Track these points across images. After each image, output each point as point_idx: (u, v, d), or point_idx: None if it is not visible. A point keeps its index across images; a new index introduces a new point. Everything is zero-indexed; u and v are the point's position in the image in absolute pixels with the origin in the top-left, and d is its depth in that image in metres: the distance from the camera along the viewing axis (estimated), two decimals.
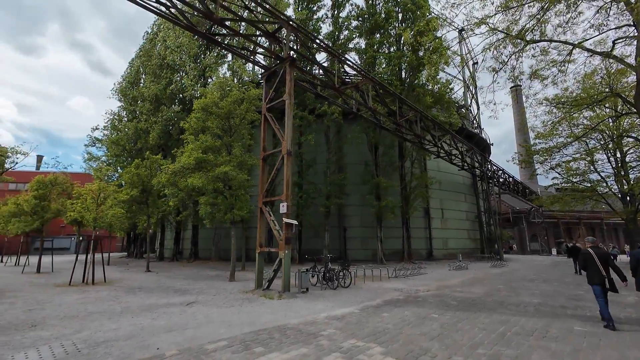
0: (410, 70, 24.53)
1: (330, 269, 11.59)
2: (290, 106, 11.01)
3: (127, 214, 18.71)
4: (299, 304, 8.73)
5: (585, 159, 28.52)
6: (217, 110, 13.37)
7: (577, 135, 26.47)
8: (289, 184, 10.58)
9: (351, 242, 25.63)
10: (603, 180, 28.67)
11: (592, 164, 28.64)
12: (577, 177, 29.40)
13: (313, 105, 23.37)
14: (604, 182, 28.70)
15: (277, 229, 10.49)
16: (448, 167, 30.34)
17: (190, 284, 12.78)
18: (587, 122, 26.58)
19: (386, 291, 10.91)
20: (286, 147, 10.66)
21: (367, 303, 8.81)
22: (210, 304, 8.75)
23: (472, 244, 32.02)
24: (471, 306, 8.38)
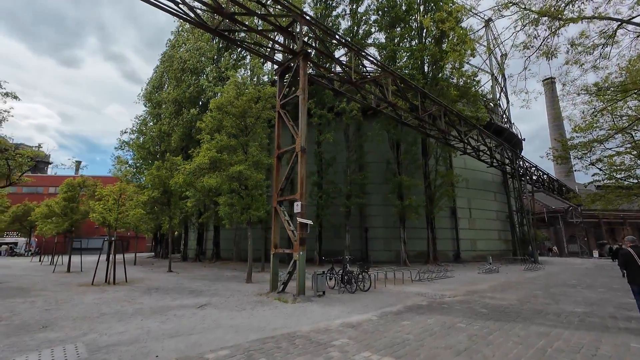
0: (434, 63, 23.44)
1: (349, 271, 11.02)
2: (304, 102, 10.58)
3: (149, 215, 19.10)
4: (313, 308, 8.25)
5: (631, 152, 26.01)
6: (232, 109, 13.19)
7: (620, 127, 24.25)
8: (304, 182, 10.14)
9: (373, 243, 24.84)
10: None
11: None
12: (622, 173, 26.92)
13: (332, 104, 22.90)
14: None
15: (292, 229, 10.08)
16: (476, 164, 28.77)
17: (206, 285, 12.65)
18: (632, 113, 24.24)
19: (408, 296, 10.18)
20: (300, 144, 10.23)
21: (387, 309, 8.17)
22: (222, 307, 8.46)
23: (503, 245, 30.18)
24: (504, 315, 7.53)
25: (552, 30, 9.75)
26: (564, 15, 9.59)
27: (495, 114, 34.65)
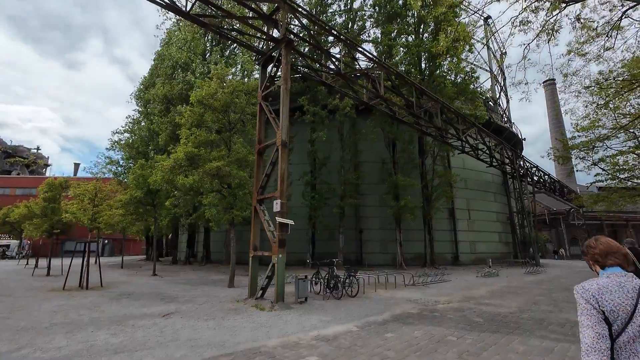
0: (431, 59, 22.68)
1: (335, 276, 10.21)
2: (286, 92, 9.81)
3: (132, 215, 18.30)
4: (289, 318, 7.43)
5: (635, 151, 25.17)
6: (214, 102, 12.42)
7: (622, 124, 23.50)
8: (285, 178, 9.35)
9: (369, 246, 24.00)
10: None
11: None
12: (625, 173, 26.07)
13: (326, 101, 22.14)
14: None
15: (272, 229, 9.28)
16: (475, 164, 27.95)
17: (185, 290, 11.84)
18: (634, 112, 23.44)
19: (398, 302, 9.36)
20: (281, 138, 9.45)
21: (372, 318, 7.34)
22: (189, 316, 7.65)
23: (504, 247, 29.29)
24: (501, 325, 6.71)
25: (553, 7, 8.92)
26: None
27: (494, 112, 33.86)
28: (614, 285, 1.62)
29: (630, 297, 1.56)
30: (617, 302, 1.56)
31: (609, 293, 1.59)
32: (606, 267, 1.73)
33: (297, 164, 24.18)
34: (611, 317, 1.55)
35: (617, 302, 1.56)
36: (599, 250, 1.77)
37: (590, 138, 26.42)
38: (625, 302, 1.56)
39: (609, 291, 1.60)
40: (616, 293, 1.58)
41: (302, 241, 23.32)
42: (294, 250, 23.57)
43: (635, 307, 1.53)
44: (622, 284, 1.62)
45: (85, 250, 12.56)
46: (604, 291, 1.61)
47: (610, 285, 1.62)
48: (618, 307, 1.55)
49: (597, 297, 1.59)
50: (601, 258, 1.76)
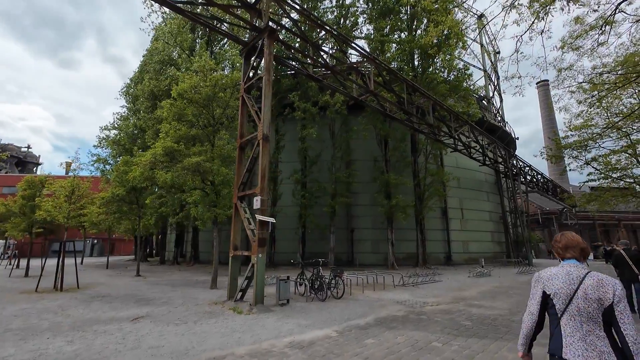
0: (424, 55, 22.31)
1: (320, 276, 9.76)
2: (269, 84, 9.34)
3: (115, 214, 17.69)
4: (267, 321, 6.96)
5: (627, 151, 25.10)
6: (196, 95, 11.90)
7: (614, 122, 23.49)
8: (266, 174, 8.87)
9: (360, 245, 23.59)
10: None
11: (636, 157, 25.14)
12: (618, 172, 25.98)
13: (317, 98, 21.68)
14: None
15: (252, 228, 8.80)
16: (468, 163, 27.70)
17: (164, 292, 11.30)
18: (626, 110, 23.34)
19: (385, 304, 8.93)
20: (262, 131, 8.97)
21: (354, 322, 6.90)
22: (160, 320, 7.14)
23: (496, 247, 29.09)
24: (491, 329, 6.31)
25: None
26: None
27: (488, 111, 33.69)
28: (562, 273, 2.00)
29: (573, 284, 1.93)
30: (560, 287, 1.95)
31: (556, 279, 1.99)
32: (565, 259, 2.09)
33: (287, 162, 23.72)
34: (555, 298, 1.96)
35: (561, 286, 1.95)
36: (561, 245, 2.12)
37: (583, 137, 26.40)
38: (568, 287, 1.93)
39: (556, 278, 1.99)
40: (562, 280, 1.96)
41: (292, 241, 22.86)
42: (284, 250, 23.13)
43: (576, 291, 1.91)
44: (570, 273, 1.97)
45: (61, 250, 11.96)
46: (552, 278, 2.01)
47: (559, 274, 2.01)
48: (560, 291, 1.95)
49: (546, 282, 2.03)
50: (562, 251, 2.11)
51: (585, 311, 1.86)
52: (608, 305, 1.83)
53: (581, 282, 1.91)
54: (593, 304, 1.85)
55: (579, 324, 1.88)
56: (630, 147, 24.93)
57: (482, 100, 34.01)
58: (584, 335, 1.85)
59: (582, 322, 1.87)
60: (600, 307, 1.85)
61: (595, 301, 1.85)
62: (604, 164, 25.92)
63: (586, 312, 1.86)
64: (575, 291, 1.91)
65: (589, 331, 1.85)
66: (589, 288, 1.88)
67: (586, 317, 1.86)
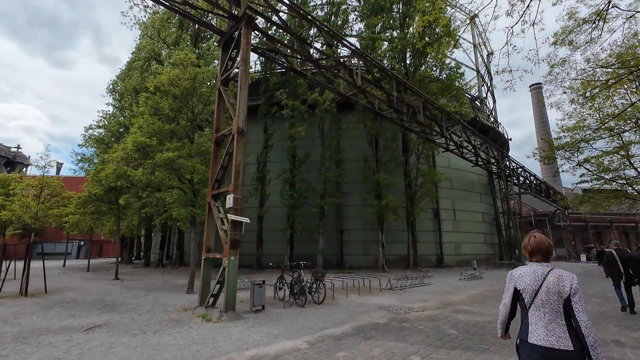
0: (416, 54, 21.88)
1: (299, 280, 9.17)
2: (245, 74, 8.77)
3: (93, 215, 16.96)
4: (234, 331, 6.35)
5: (619, 152, 24.92)
6: (173, 89, 11.27)
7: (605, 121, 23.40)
8: (241, 171, 8.28)
9: (350, 247, 23.04)
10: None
11: (628, 159, 24.96)
12: (610, 174, 25.80)
13: (305, 96, 21.14)
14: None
15: (225, 228, 8.19)
16: (460, 163, 27.33)
17: (136, 297, 10.62)
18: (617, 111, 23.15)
19: (368, 310, 8.37)
20: (237, 125, 8.39)
21: (329, 330, 6.33)
22: (117, 330, 6.50)
23: (489, 249, 28.72)
24: (477, 340, 5.77)
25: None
26: None
27: (481, 112, 33.42)
28: (530, 272, 2.36)
29: (538, 280, 2.29)
30: (528, 283, 2.32)
31: (524, 277, 2.36)
32: (532, 260, 2.44)
33: (275, 162, 23.14)
34: (523, 292, 2.34)
35: (528, 283, 2.32)
36: (530, 248, 2.44)
37: (576, 139, 26.22)
38: (533, 283, 2.30)
39: (525, 276, 2.36)
40: (529, 277, 2.34)
41: (280, 242, 22.24)
42: (271, 252, 22.49)
43: (540, 287, 2.26)
44: (536, 271, 2.33)
45: (27, 253, 11.23)
46: (522, 276, 2.38)
47: (527, 272, 2.37)
48: (527, 287, 2.32)
49: (516, 279, 2.41)
50: (528, 254, 2.45)
51: (547, 303, 2.19)
52: (566, 296, 2.15)
53: (544, 278, 2.25)
54: (554, 296, 2.18)
55: (542, 314, 2.20)
56: (622, 149, 24.82)
57: (475, 100, 33.75)
58: (546, 324, 2.17)
59: (545, 312, 2.19)
60: (560, 299, 2.16)
61: (555, 294, 2.18)
62: (597, 165, 25.77)
63: (548, 304, 2.18)
64: (539, 287, 2.24)
65: (551, 320, 2.17)
66: (550, 283, 2.22)
67: (549, 308, 2.18)
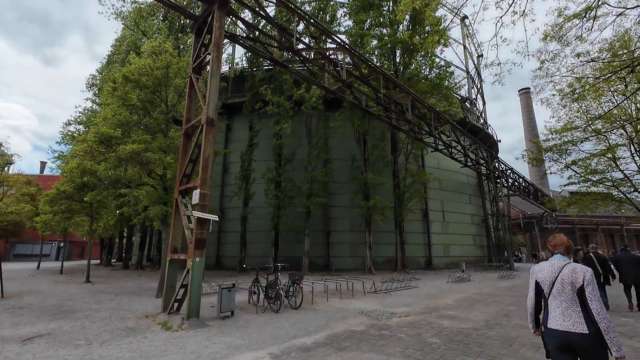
0: (405, 52, 21.46)
1: (273, 284, 8.51)
2: (217, 61, 8.10)
3: (63, 214, 15.99)
4: (192, 341, 5.66)
5: (605, 154, 24.99)
6: (143, 78, 10.52)
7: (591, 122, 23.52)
8: (209, 164, 7.59)
9: (337, 249, 22.43)
10: (627, 179, 24.95)
11: (614, 161, 25.03)
12: (597, 175, 25.85)
13: (291, 92, 20.52)
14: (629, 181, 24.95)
15: (191, 227, 7.49)
16: (450, 164, 27.02)
17: (99, 302, 9.80)
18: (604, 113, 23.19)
19: (346, 316, 7.75)
20: (207, 114, 7.70)
21: (299, 340, 5.69)
22: (60, 340, 5.74)
23: (478, 251, 28.44)
24: (462, 350, 5.20)
25: None
26: None
27: (470, 113, 33.29)
28: (548, 265, 2.66)
29: (554, 272, 2.57)
30: (545, 275, 2.62)
31: (543, 270, 2.67)
32: (554, 254, 2.74)
33: (261, 161, 22.42)
34: (542, 284, 2.65)
35: (545, 275, 2.62)
36: (553, 243, 2.79)
37: (564, 141, 26.28)
38: (550, 275, 2.59)
39: (543, 269, 2.67)
40: (547, 270, 2.63)
41: (265, 244, 21.50)
42: (255, 254, 21.73)
43: (556, 278, 2.54)
44: (554, 264, 2.62)
45: None
46: (540, 268, 2.70)
47: (545, 266, 2.68)
48: (545, 278, 2.62)
49: (536, 273, 2.72)
50: (552, 248, 2.78)
51: (562, 292, 2.49)
52: (580, 286, 2.43)
53: (560, 271, 2.54)
54: (568, 286, 2.47)
55: (559, 302, 2.51)
56: (609, 150, 24.90)
57: (464, 102, 33.61)
58: (563, 310, 2.47)
59: (562, 300, 2.49)
60: (574, 289, 2.45)
61: (569, 284, 2.47)
62: (584, 167, 25.82)
63: (564, 293, 2.49)
64: (555, 278, 2.55)
65: (567, 307, 2.46)
66: (565, 275, 2.51)
67: (565, 297, 2.48)
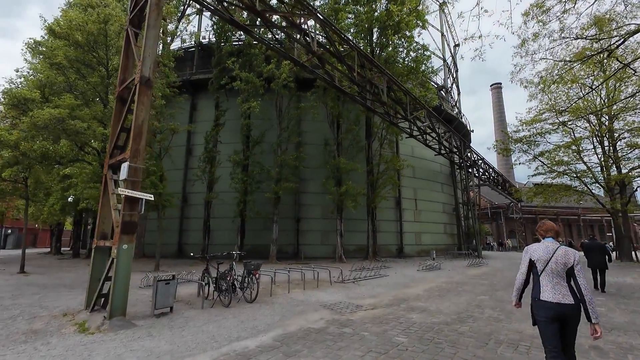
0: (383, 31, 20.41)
1: (224, 274, 7.44)
2: (156, 9, 6.71)
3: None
4: (104, 348, 4.51)
5: (570, 146, 25.73)
6: (74, 34, 8.81)
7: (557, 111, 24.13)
8: (142, 132, 6.29)
9: (307, 236, 21.59)
10: (589, 171, 25.85)
11: (579, 153, 25.83)
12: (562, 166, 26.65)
13: (261, 69, 19.02)
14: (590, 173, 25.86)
15: (119, 207, 6.21)
16: (423, 152, 26.79)
17: (15, 297, 8.30)
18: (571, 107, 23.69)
19: (306, 309, 6.86)
20: (141, 73, 6.35)
21: (242, 343, 4.70)
22: None
23: (448, 239, 28.69)
24: (431, 350, 4.42)
25: None
26: None
27: (446, 102, 33.16)
28: (542, 246, 3.05)
29: (549, 253, 2.97)
30: (541, 255, 3.00)
31: (538, 250, 3.04)
32: (545, 237, 3.13)
33: (228, 144, 20.90)
34: (537, 262, 3.01)
35: (541, 254, 3.00)
36: (544, 228, 3.17)
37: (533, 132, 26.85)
38: (546, 255, 2.97)
39: (538, 250, 3.04)
40: (541, 251, 3.02)
41: (230, 231, 20.23)
42: (220, 242, 20.43)
43: (550, 258, 2.94)
44: (548, 246, 3.02)
45: None
46: (535, 249, 3.07)
47: (540, 247, 3.06)
48: (541, 257, 2.99)
49: (531, 252, 3.08)
50: (544, 232, 3.16)
51: (555, 270, 2.91)
52: (570, 266, 2.88)
53: (554, 252, 2.96)
54: (561, 266, 2.90)
55: (551, 278, 2.92)
56: (574, 143, 25.61)
57: (440, 90, 33.39)
58: (554, 285, 2.89)
59: (553, 276, 2.91)
60: (564, 268, 2.90)
61: (562, 264, 2.90)
62: (550, 159, 26.51)
63: (556, 271, 2.91)
64: (550, 258, 2.95)
65: (557, 283, 2.89)
66: (559, 256, 2.93)
67: (556, 274, 2.91)
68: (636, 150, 23.50)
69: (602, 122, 24.82)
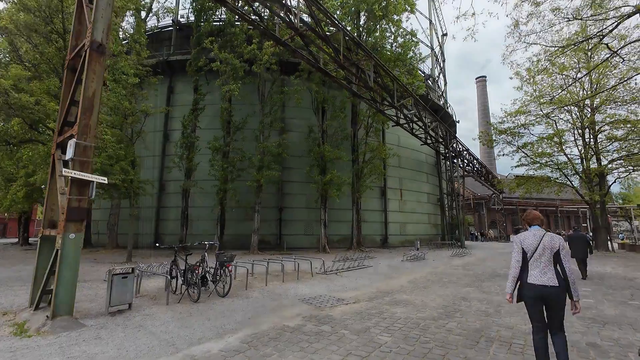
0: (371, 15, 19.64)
1: (192, 267, 6.78)
2: None
3: None
4: (37, 354, 3.82)
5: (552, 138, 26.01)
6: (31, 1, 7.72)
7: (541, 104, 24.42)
8: (94, 105, 5.47)
9: (291, 226, 21.01)
10: (570, 162, 26.25)
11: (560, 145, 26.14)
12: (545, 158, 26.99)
13: (242, 50, 17.99)
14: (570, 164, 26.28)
15: (65, 191, 5.41)
16: (409, 141, 26.45)
17: None
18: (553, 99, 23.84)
19: (283, 304, 6.31)
20: (91, 36, 5.49)
21: (205, 345, 4.09)
22: None
23: (432, 229, 28.74)
24: (419, 352, 3.95)
25: None
26: None
27: (433, 91, 32.85)
28: (530, 234, 3.31)
29: (537, 240, 3.23)
30: (530, 242, 3.26)
31: (527, 238, 3.29)
32: (531, 226, 3.41)
33: (207, 129, 19.87)
34: (526, 249, 3.26)
35: (530, 242, 3.26)
36: (531, 217, 3.46)
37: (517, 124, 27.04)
38: (534, 242, 3.24)
39: (527, 237, 3.30)
40: (530, 238, 3.28)
41: (209, 220, 19.41)
42: (199, 232, 19.61)
43: (538, 244, 3.20)
44: (536, 234, 3.28)
45: None
46: (525, 237, 3.32)
47: (528, 235, 3.32)
48: (529, 245, 3.25)
49: (521, 240, 3.33)
50: (531, 221, 3.45)
51: (542, 255, 3.17)
52: (556, 251, 3.15)
53: (541, 238, 3.23)
54: (547, 251, 3.17)
55: (538, 263, 3.18)
56: (556, 134, 25.88)
57: (427, 79, 33.01)
58: (541, 269, 3.16)
59: (540, 262, 3.17)
60: (551, 253, 3.16)
61: (549, 249, 3.17)
62: (533, 151, 26.77)
63: (544, 256, 3.17)
64: (538, 244, 3.21)
65: (544, 267, 3.16)
66: (546, 242, 3.20)
67: (543, 259, 3.17)
68: (615, 142, 23.93)
69: (585, 114, 25.11)
